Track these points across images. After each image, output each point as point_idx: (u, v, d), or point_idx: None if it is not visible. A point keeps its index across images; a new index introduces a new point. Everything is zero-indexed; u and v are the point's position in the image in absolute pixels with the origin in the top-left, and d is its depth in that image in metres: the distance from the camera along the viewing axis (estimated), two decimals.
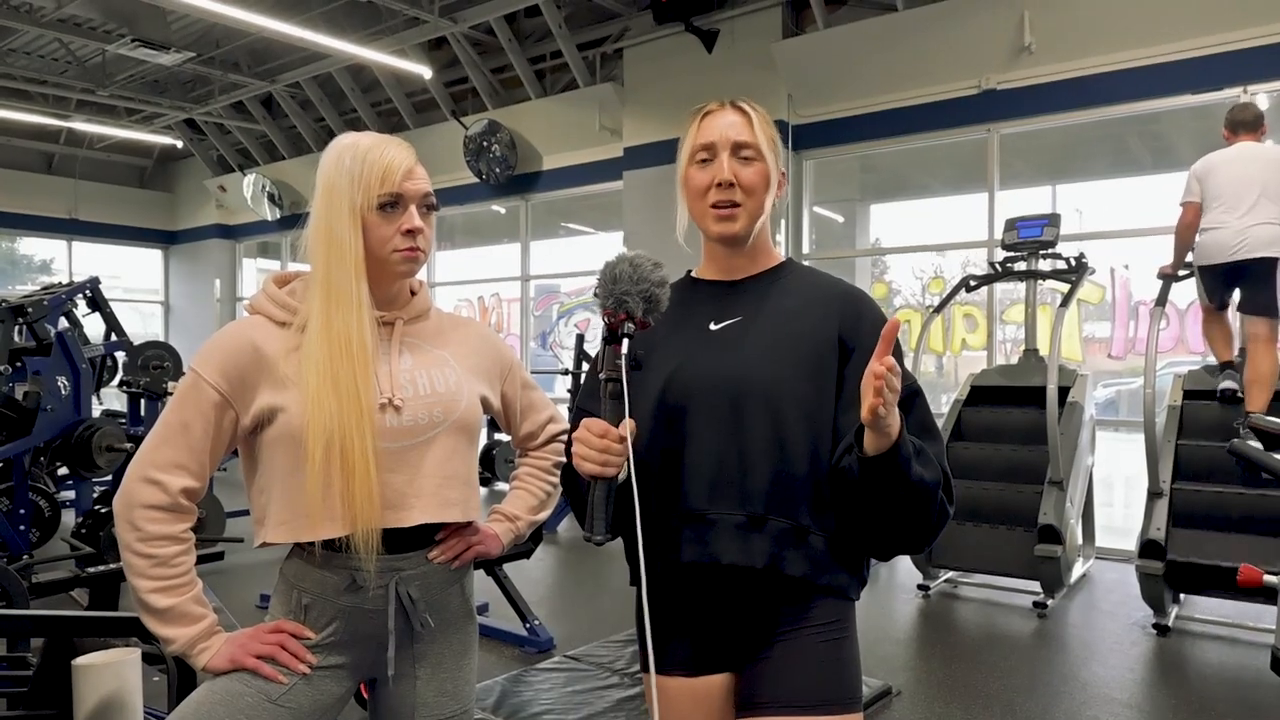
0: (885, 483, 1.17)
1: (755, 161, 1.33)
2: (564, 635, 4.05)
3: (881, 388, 1.06)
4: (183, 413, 1.26)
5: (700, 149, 1.34)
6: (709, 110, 1.36)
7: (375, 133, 1.36)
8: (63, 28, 8.59)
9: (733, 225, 1.33)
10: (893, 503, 1.20)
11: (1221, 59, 5.50)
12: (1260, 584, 2.00)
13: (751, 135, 1.33)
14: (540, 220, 9.76)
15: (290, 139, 11.33)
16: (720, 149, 1.33)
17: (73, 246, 13.09)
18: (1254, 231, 4.10)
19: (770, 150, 1.34)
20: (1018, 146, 6.68)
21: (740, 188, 1.32)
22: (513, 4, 7.60)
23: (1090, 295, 6.39)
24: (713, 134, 1.33)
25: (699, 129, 1.35)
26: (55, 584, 3.19)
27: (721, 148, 1.33)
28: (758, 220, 1.34)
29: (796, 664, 1.27)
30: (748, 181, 1.32)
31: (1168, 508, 4.21)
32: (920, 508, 1.21)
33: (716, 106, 1.36)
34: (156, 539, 1.24)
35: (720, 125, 1.34)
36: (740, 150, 1.32)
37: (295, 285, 1.36)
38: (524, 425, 1.57)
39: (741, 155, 1.32)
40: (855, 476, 1.19)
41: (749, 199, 1.32)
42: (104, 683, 1.62)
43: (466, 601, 1.44)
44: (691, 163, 1.36)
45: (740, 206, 1.32)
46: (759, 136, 1.33)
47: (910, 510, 1.21)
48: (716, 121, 1.34)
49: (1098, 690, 3.50)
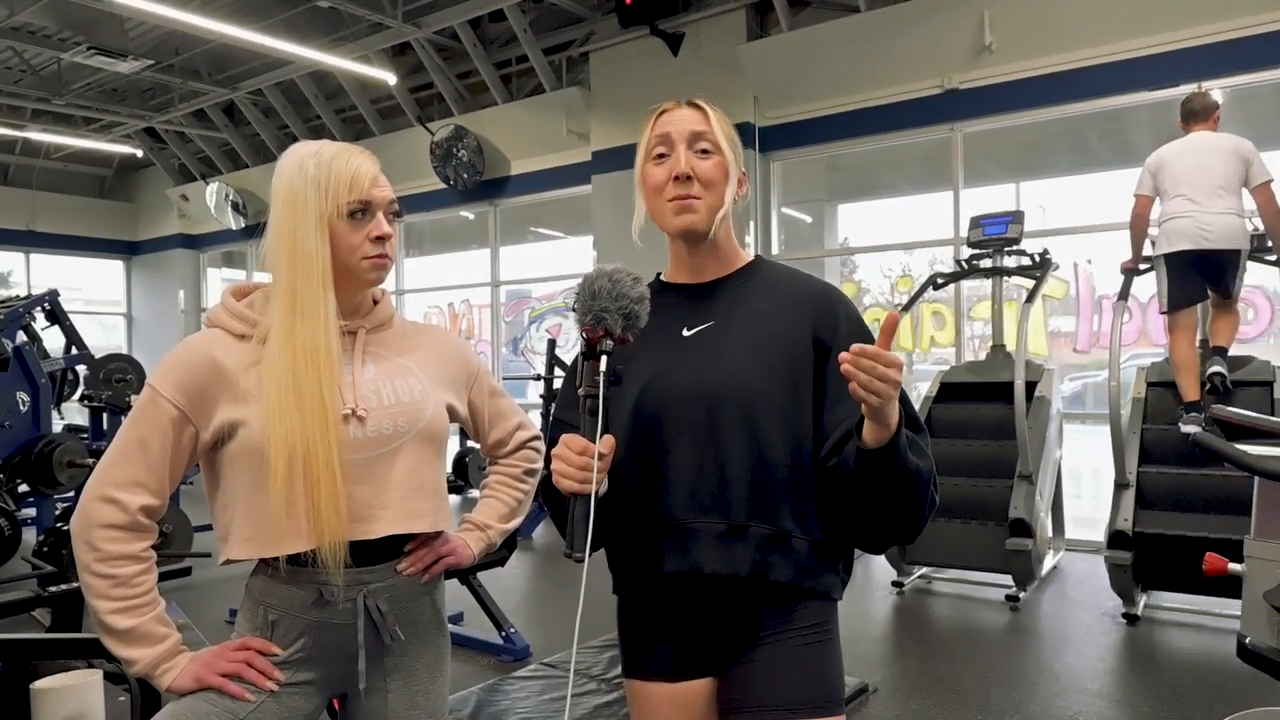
0: (884, 473, 1.17)
1: (713, 154, 1.31)
2: (540, 643, 4.02)
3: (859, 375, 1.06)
4: (140, 430, 1.23)
5: (657, 142, 1.32)
6: (666, 108, 1.35)
7: (333, 141, 1.33)
8: (16, 35, 8.42)
9: (692, 215, 1.30)
10: (890, 493, 1.20)
11: (1177, 55, 5.60)
12: (1226, 572, 2.03)
13: (708, 126, 1.32)
14: (509, 225, 9.72)
15: (253, 147, 11.19)
16: (677, 141, 1.31)
17: (31, 259, 12.82)
18: (1218, 221, 4.14)
19: (729, 145, 1.33)
20: (981, 145, 6.76)
21: (698, 180, 1.30)
22: (477, 9, 7.56)
23: (1055, 290, 6.48)
24: (668, 126, 1.32)
25: (655, 125, 1.34)
26: (15, 604, 3.10)
27: (678, 140, 1.31)
28: (717, 214, 1.32)
29: (780, 667, 1.27)
30: (706, 174, 1.30)
31: (1134, 495, 4.27)
32: (916, 496, 1.21)
33: (673, 104, 1.35)
34: (116, 559, 1.21)
35: (676, 119, 1.32)
36: (696, 142, 1.31)
37: (254, 297, 1.34)
38: (493, 433, 1.55)
39: (698, 148, 1.31)
40: (852, 469, 1.19)
41: (708, 191, 1.30)
42: (64, 707, 1.58)
43: (438, 613, 1.42)
44: (649, 159, 1.34)
45: (700, 199, 1.30)
46: (715, 130, 1.32)
47: (907, 499, 1.21)
48: (672, 116, 1.33)
49: (1071, 681, 3.54)
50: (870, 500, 1.21)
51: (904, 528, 1.25)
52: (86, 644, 1.81)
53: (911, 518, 1.23)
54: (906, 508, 1.22)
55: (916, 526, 1.25)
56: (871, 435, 1.14)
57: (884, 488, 1.19)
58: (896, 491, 1.19)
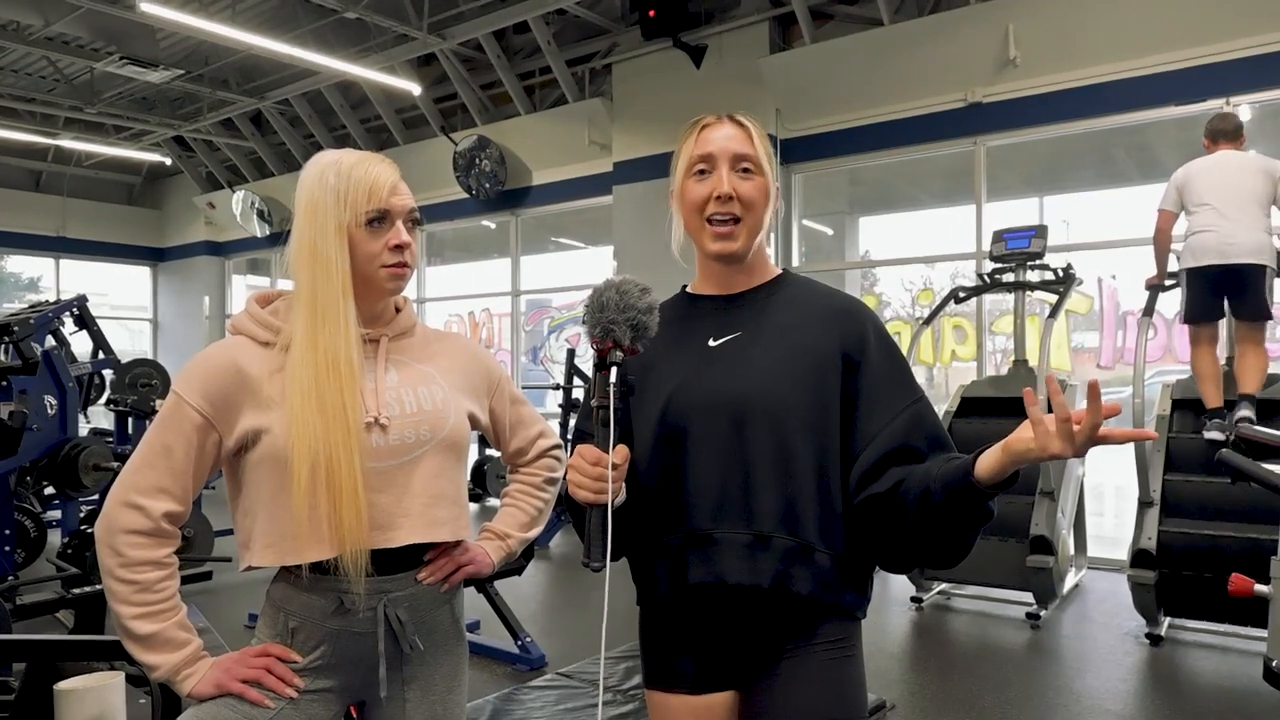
0: (974, 509, 1.16)
1: (755, 175, 1.30)
2: (556, 652, 4.02)
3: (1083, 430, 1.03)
4: (164, 435, 1.25)
5: (698, 160, 1.31)
6: (707, 123, 1.34)
7: (356, 150, 1.35)
8: (51, 46, 8.58)
9: (732, 244, 1.30)
10: (965, 526, 1.19)
11: (1204, 71, 5.55)
12: (1251, 594, 2.00)
13: (751, 148, 1.31)
14: (530, 235, 9.77)
15: (279, 155, 11.32)
16: (720, 161, 1.30)
17: (60, 264, 13.02)
18: (1243, 237, 4.10)
19: (768, 164, 1.33)
20: (1004, 159, 6.72)
21: (740, 201, 1.29)
22: (501, 20, 7.62)
23: (1078, 306, 6.43)
24: (711, 145, 1.31)
25: (697, 141, 1.32)
26: (40, 605, 3.16)
27: (721, 160, 1.30)
28: (756, 237, 1.32)
29: (803, 682, 1.26)
30: (747, 195, 1.29)
31: (1158, 512, 4.21)
32: (979, 530, 1.21)
33: (714, 119, 1.34)
34: (138, 564, 1.22)
35: (719, 137, 1.31)
36: (740, 163, 1.30)
37: (278, 305, 1.35)
38: (514, 441, 1.56)
39: (741, 168, 1.30)
40: (937, 498, 1.16)
41: (748, 214, 1.30)
42: (86, 708, 1.59)
43: (456, 622, 1.42)
44: (689, 175, 1.33)
45: (740, 222, 1.30)
46: (758, 150, 1.31)
47: (972, 532, 1.21)
48: (715, 134, 1.32)
49: (1092, 702, 3.49)
50: (937, 530, 1.20)
51: (954, 557, 1.24)
52: (109, 646, 1.83)
53: (965, 549, 1.23)
54: (968, 540, 1.22)
55: (963, 556, 1.25)
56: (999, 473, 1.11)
57: (964, 521, 1.18)
58: (971, 525, 1.19)
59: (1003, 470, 1.11)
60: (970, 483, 1.12)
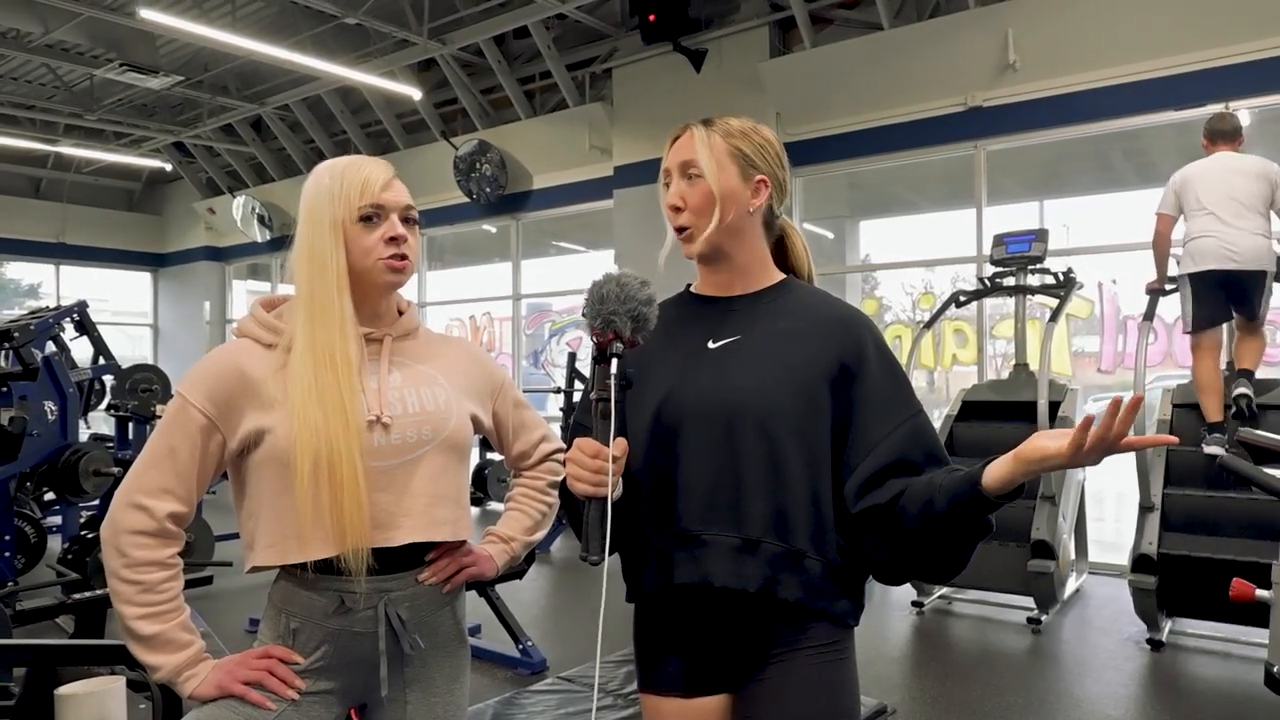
0: (977, 520, 1.16)
1: (698, 180, 1.32)
2: (557, 656, 4.01)
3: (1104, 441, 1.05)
4: (169, 437, 1.25)
5: (665, 173, 1.37)
6: (677, 133, 1.37)
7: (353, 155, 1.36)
8: (50, 53, 8.60)
9: (691, 247, 1.35)
10: (966, 538, 1.19)
11: (1203, 75, 5.56)
12: (1253, 599, 2.00)
13: (692, 153, 1.32)
14: (531, 239, 9.78)
15: (279, 161, 11.34)
16: (673, 172, 1.34)
17: (61, 270, 13.04)
18: (1245, 241, 4.09)
19: (714, 163, 1.30)
20: (1004, 163, 6.73)
21: (688, 209, 1.32)
22: (501, 25, 7.64)
23: (1079, 310, 6.43)
24: (669, 158, 1.36)
25: (667, 153, 1.38)
26: (40, 611, 3.15)
27: (674, 170, 1.34)
28: (712, 238, 1.32)
29: (792, 686, 1.26)
30: (693, 202, 1.32)
31: (1159, 518, 4.21)
32: (977, 544, 1.22)
33: (683, 128, 1.36)
34: (143, 565, 1.23)
35: (675, 148, 1.36)
36: (687, 169, 1.33)
37: (282, 308, 1.36)
38: (516, 445, 1.56)
39: (688, 174, 1.33)
40: (939, 510, 1.15)
41: (697, 219, 1.32)
42: (87, 713, 1.59)
43: (458, 624, 1.42)
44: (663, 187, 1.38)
45: (691, 228, 1.33)
46: (699, 153, 1.31)
47: (971, 545, 1.21)
48: (675, 145, 1.36)
49: (1092, 707, 3.49)
50: (936, 542, 1.20)
51: (950, 571, 1.24)
52: (110, 650, 1.83)
53: (962, 563, 1.23)
54: (965, 553, 1.22)
55: (959, 570, 1.25)
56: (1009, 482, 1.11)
57: (965, 533, 1.18)
58: (971, 538, 1.19)
59: (1013, 480, 1.11)
60: (978, 492, 1.12)
